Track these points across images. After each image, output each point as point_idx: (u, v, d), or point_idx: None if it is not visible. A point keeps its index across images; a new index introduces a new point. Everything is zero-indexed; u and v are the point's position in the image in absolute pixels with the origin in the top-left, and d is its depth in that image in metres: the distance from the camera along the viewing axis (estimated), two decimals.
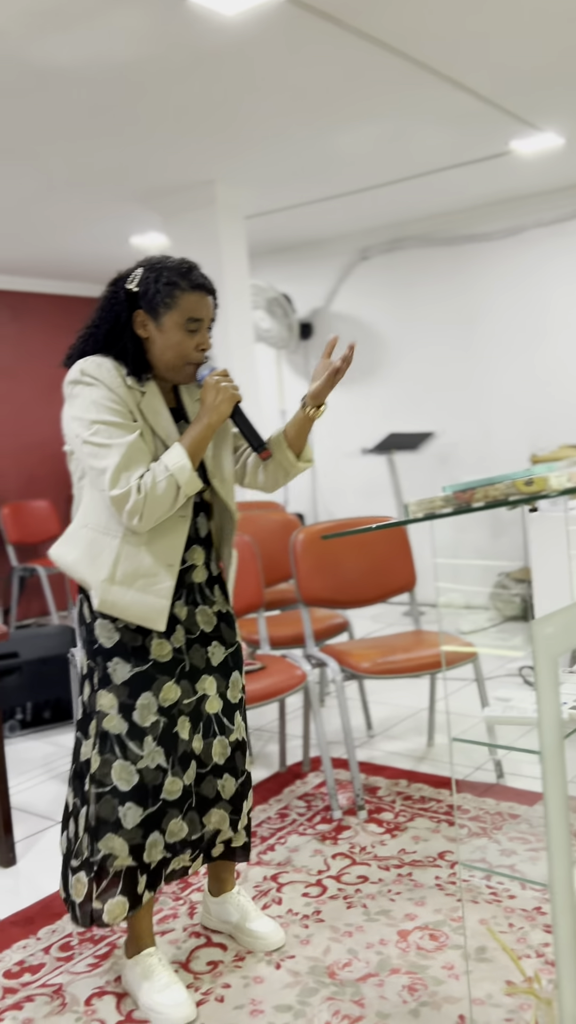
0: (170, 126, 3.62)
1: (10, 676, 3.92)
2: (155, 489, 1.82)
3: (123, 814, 1.91)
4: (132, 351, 1.91)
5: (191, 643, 2.02)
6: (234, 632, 2.11)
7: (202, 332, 1.93)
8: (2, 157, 3.81)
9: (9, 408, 6.52)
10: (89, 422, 1.84)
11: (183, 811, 1.97)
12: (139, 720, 1.92)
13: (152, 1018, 1.95)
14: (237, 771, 2.08)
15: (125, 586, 1.89)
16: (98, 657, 1.95)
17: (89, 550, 1.92)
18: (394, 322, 5.95)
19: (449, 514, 1.30)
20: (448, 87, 3.43)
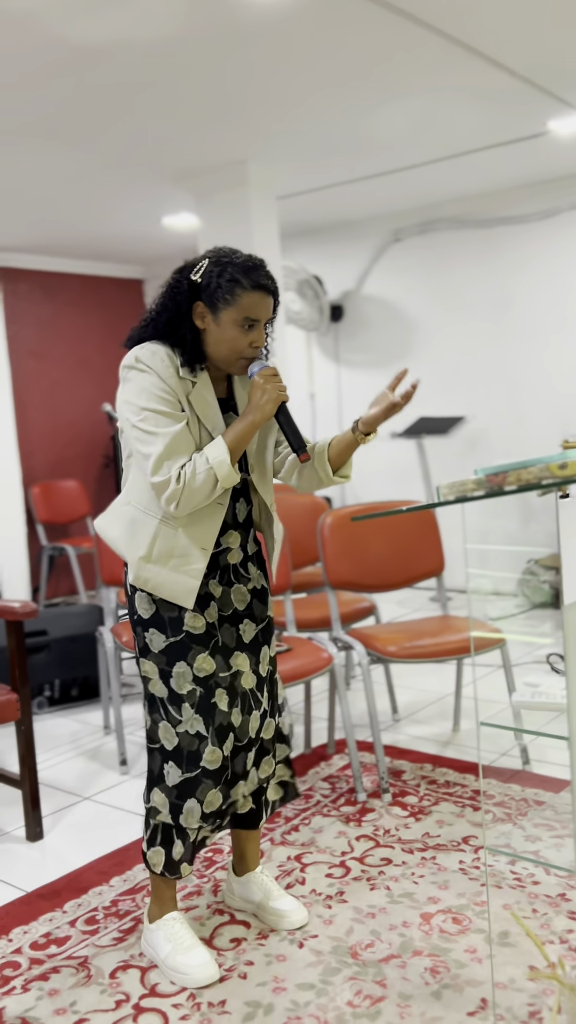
0: (203, 105, 3.60)
1: (39, 654, 3.96)
2: (194, 480, 1.88)
3: (167, 771, 2.01)
4: (190, 340, 1.94)
5: (222, 620, 2.07)
6: (266, 607, 2.15)
7: (258, 330, 1.95)
8: (36, 138, 3.81)
9: (40, 388, 6.56)
10: (139, 408, 1.90)
11: (219, 783, 2.02)
12: (176, 687, 2.00)
13: (176, 979, 1.99)
14: (256, 741, 2.11)
15: (159, 565, 1.96)
16: (138, 628, 2.04)
17: (130, 527, 2.00)
18: (426, 305, 5.90)
19: (481, 497, 1.29)
20: (484, 65, 3.37)
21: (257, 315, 1.93)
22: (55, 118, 3.61)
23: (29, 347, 6.48)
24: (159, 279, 7.15)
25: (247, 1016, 1.87)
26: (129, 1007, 1.93)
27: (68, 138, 3.86)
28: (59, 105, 3.48)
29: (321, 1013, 1.87)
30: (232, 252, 1.96)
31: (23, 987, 2.02)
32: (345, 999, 1.90)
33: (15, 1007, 1.96)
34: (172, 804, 2.01)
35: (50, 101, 3.43)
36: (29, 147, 3.95)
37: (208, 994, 1.95)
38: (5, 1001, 1.98)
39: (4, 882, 2.52)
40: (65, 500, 6.48)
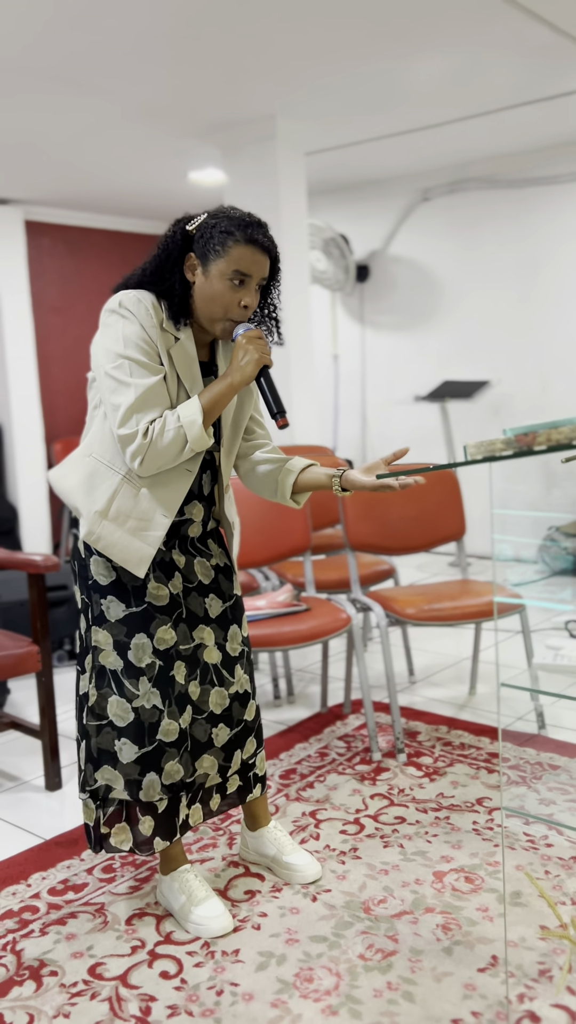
0: (232, 57, 3.53)
1: (59, 608, 3.99)
2: (162, 437, 1.80)
3: (119, 748, 1.95)
4: (178, 292, 1.88)
5: (188, 591, 2.03)
6: (232, 585, 2.10)
7: (248, 289, 1.86)
8: (62, 88, 3.76)
9: (62, 344, 6.54)
10: (115, 355, 1.82)
11: (180, 753, 1.98)
12: (134, 660, 1.93)
13: (191, 930, 2.02)
14: (233, 720, 2.09)
15: (116, 524, 1.88)
16: (94, 594, 1.95)
17: (89, 479, 1.91)
18: (453, 266, 5.81)
19: (510, 456, 1.27)
20: (524, 17, 3.28)
21: (248, 270, 1.83)
22: (80, 67, 3.56)
23: (52, 302, 6.45)
24: None
25: (260, 966, 1.90)
26: (144, 953, 1.97)
27: (93, 88, 3.81)
28: (85, 54, 3.42)
29: (333, 965, 1.89)
30: (232, 209, 1.90)
31: (41, 931, 2.07)
32: (357, 952, 1.93)
33: (33, 949, 2.00)
34: (130, 781, 1.95)
35: (75, 50, 3.38)
36: (53, 97, 3.90)
37: (222, 943, 1.99)
38: (24, 943, 2.02)
39: (23, 829, 2.56)
40: None
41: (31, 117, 4.16)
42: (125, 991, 1.85)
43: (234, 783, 2.17)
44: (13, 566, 2.79)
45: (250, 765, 2.18)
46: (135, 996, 1.83)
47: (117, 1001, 1.82)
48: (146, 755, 1.95)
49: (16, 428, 6.07)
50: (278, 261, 1.92)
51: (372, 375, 6.28)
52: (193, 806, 2.08)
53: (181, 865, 2.12)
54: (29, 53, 3.39)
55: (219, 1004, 1.79)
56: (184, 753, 2.00)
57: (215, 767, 2.08)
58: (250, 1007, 1.78)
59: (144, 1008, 1.79)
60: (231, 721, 2.09)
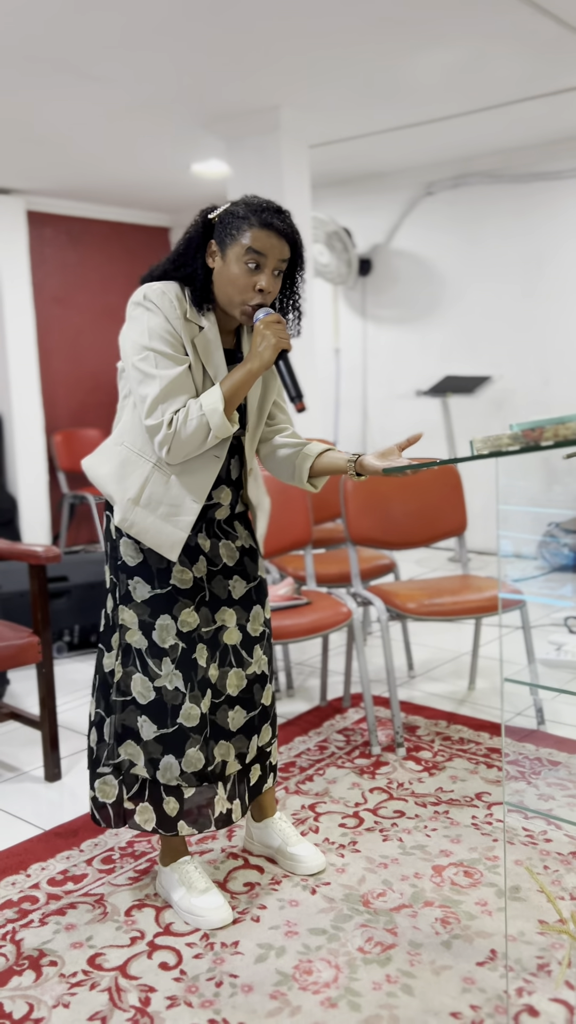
0: (237, 48, 3.51)
1: (59, 599, 3.99)
2: (186, 426, 1.84)
3: (140, 725, 1.99)
4: (200, 277, 1.91)
5: (213, 575, 2.04)
6: (257, 567, 2.12)
7: (264, 273, 1.87)
8: (66, 77, 3.74)
9: (63, 335, 6.53)
10: (140, 347, 1.86)
11: (201, 740, 1.99)
12: (158, 640, 1.97)
13: (190, 921, 2.03)
14: (252, 703, 2.09)
15: (148, 510, 1.92)
16: (121, 574, 2.00)
17: (121, 468, 1.95)
18: (456, 261, 5.80)
19: (517, 451, 1.27)
20: (531, 11, 3.27)
21: (262, 249, 1.84)
22: (85, 57, 3.54)
23: (53, 293, 6.44)
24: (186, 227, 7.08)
25: (259, 958, 1.91)
26: (144, 944, 1.97)
27: (97, 78, 3.79)
28: (90, 43, 3.41)
29: (332, 957, 1.90)
30: (254, 197, 1.92)
31: (41, 920, 2.07)
32: (356, 945, 1.94)
33: (33, 939, 2.00)
34: (149, 759, 1.98)
35: (80, 39, 3.36)
36: (57, 86, 3.88)
37: (221, 935, 1.99)
38: (23, 933, 2.02)
39: (23, 820, 2.56)
40: (87, 448, 6.48)
41: (34, 106, 4.14)
42: (124, 981, 1.85)
43: (255, 773, 2.16)
44: (14, 557, 2.79)
45: (266, 753, 2.19)
46: (134, 987, 1.83)
47: (116, 991, 1.82)
48: (165, 736, 1.98)
49: (16, 419, 6.06)
50: (299, 247, 1.93)
51: (373, 369, 6.28)
52: (235, 801, 2.09)
53: (182, 856, 2.13)
54: (34, 42, 3.37)
55: (218, 995, 1.80)
56: (204, 739, 2.01)
57: (231, 753, 2.08)
58: (249, 999, 1.78)
59: (143, 999, 1.80)
60: (248, 704, 2.09)
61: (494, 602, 2.93)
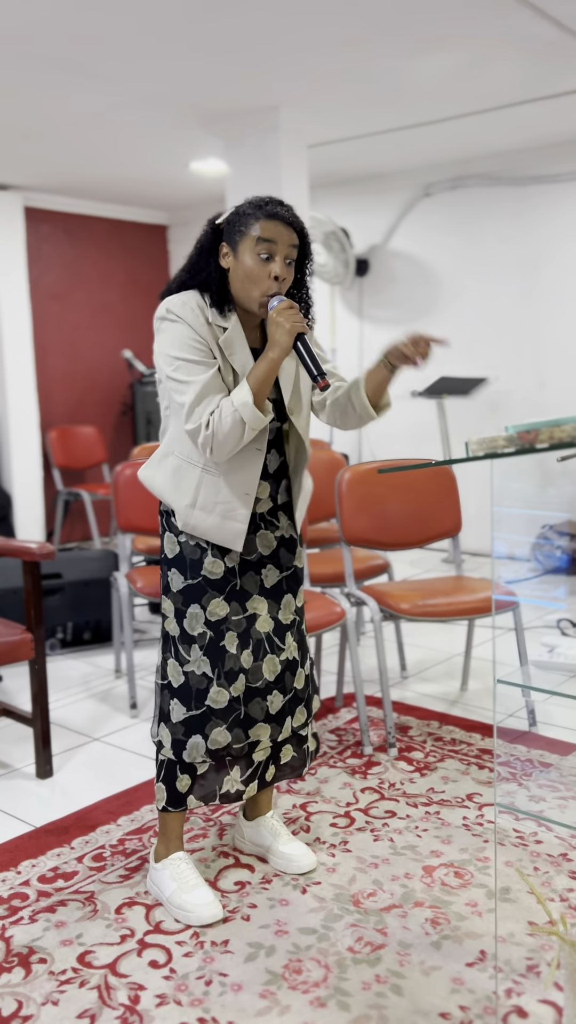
0: (237, 47, 3.51)
1: (53, 596, 3.98)
2: (222, 425, 1.89)
3: (172, 708, 2.06)
4: (216, 279, 1.97)
5: (246, 567, 2.08)
6: (293, 556, 2.16)
7: (276, 260, 1.93)
8: (65, 74, 3.74)
9: (60, 332, 6.52)
10: (171, 358, 1.93)
11: (227, 722, 2.04)
12: (188, 628, 2.05)
13: (181, 917, 2.04)
14: (285, 689, 2.12)
15: (206, 511, 2.01)
16: (163, 566, 2.11)
17: (174, 477, 2.03)
18: (453, 262, 5.81)
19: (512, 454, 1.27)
20: (531, 14, 3.28)
21: (272, 237, 1.90)
22: (85, 53, 3.54)
23: (51, 290, 6.43)
24: (184, 226, 7.09)
25: (249, 956, 1.91)
26: (134, 942, 1.97)
27: (97, 74, 3.79)
28: (90, 40, 3.40)
29: (322, 957, 1.90)
30: (255, 196, 1.99)
31: (31, 918, 2.07)
32: (346, 944, 1.94)
33: (23, 936, 2.00)
34: (175, 740, 2.06)
35: (80, 36, 3.36)
36: (56, 83, 3.88)
37: (211, 933, 1.99)
38: (13, 930, 2.02)
39: (13, 816, 2.56)
40: (82, 446, 6.48)
41: (33, 102, 4.14)
42: (114, 979, 1.85)
43: (287, 753, 2.19)
44: (8, 553, 2.79)
45: (301, 736, 2.21)
46: (124, 985, 1.83)
47: (106, 989, 1.82)
48: (193, 718, 2.04)
49: (12, 415, 6.05)
50: (306, 236, 1.98)
51: None
52: (251, 783, 2.12)
53: (176, 851, 2.14)
54: (33, 38, 3.37)
55: (208, 994, 1.80)
56: (234, 722, 2.05)
57: (267, 735, 2.11)
58: (239, 997, 1.79)
59: (133, 997, 1.80)
60: (284, 689, 2.13)
61: (487, 604, 2.94)
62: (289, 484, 2.14)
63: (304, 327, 1.91)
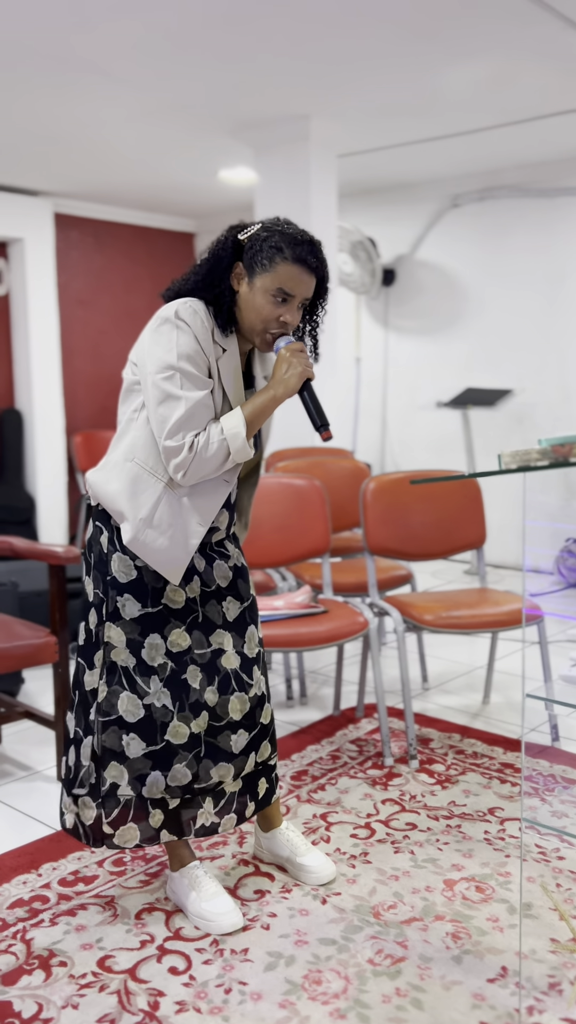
0: (269, 56, 3.53)
1: (76, 599, 4.00)
2: (206, 449, 1.82)
3: (126, 744, 1.95)
4: (227, 300, 1.89)
5: (207, 597, 2.02)
6: (249, 586, 2.11)
7: (290, 307, 1.87)
8: (96, 81, 3.77)
9: (86, 337, 6.57)
10: (166, 365, 1.83)
11: (186, 760, 1.98)
12: (147, 659, 1.95)
13: (201, 926, 2.03)
14: (253, 725, 2.08)
15: (158, 531, 1.89)
16: (111, 590, 1.95)
17: (132, 485, 1.90)
18: (480, 273, 5.80)
19: (545, 467, 1.27)
20: (563, 26, 3.27)
21: (292, 290, 1.85)
22: (116, 61, 3.57)
23: (78, 295, 6.47)
24: (211, 233, 7.11)
25: (269, 966, 1.90)
26: (153, 948, 1.97)
27: (128, 82, 3.82)
28: (121, 47, 3.43)
29: (342, 968, 1.89)
30: (288, 223, 1.90)
31: (51, 920, 2.07)
32: (366, 956, 1.93)
33: (43, 939, 2.00)
34: (134, 777, 1.95)
35: (111, 43, 3.39)
36: (87, 90, 3.91)
37: (231, 941, 1.99)
38: (34, 932, 2.03)
39: (35, 819, 2.57)
40: (106, 450, 6.50)
41: (64, 109, 4.18)
42: (134, 985, 1.85)
43: (262, 786, 2.15)
44: (34, 556, 2.80)
45: (270, 766, 2.18)
46: (143, 990, 1.83)
47: (126, 994, 1.82)
48: (154, 753, 1.95)
49: (37, 419, 6.10)
50: (326, 281, 1.92)
51: (394, 379, 6.28)
52: (226, 815, 2.07)
53: (189, 862, 2.12)
54: (64, 45, 3.40)
55: (227, 1002, 1.79)
56: (196, 758, 1.99)
57: (230, 774, 2.06)
58: (258, 1007, 1.78)
59: (152, 1003, 1.80)
60: (251, 726, 2.08)
61: (512, 616, 2.93)
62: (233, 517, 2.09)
63: (313, 373, 1.86)
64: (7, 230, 5.83)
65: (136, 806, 1.97)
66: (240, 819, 2.11)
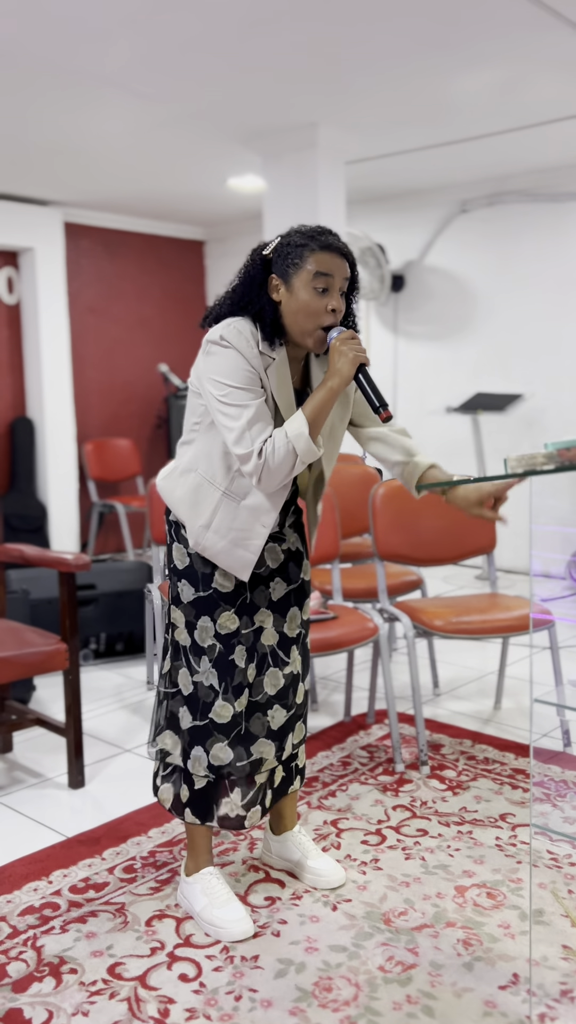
0: (277, 64, 3.54)
1: (87, 607, 4.01)
2: (274, 455, 1.88)
3: (181, 715, 2.07)
4: (269, 313, 1.93)
5: (256, 580, 2.08)
6: (300, 570, 2.15)
7: (332, 293, 1.91)
8: (105, 91, 3.80)
9: (98, 346, 6.59)
10: (221, 384, 1.91)
11: (229, 738, 2.04)
12: (199, 640, 2.05)
13: (212, 932, 2.03)
14: (287, 704, 2.12)
15: (218, 535, 1.99)
16: (172, 577, 2.10)
17: (194, 494, 2.01)
18: (490, 279, 5.79)
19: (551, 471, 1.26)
20: (570, 31, 3.27)
21: (329, 270, 1.89)
22: (123, 70, 3.59)
23: (89, 304, 6.51)
24: (220, 241, 7.15)
25: (279, 973, 1.90)
26: (164, 955, 1.97)
27: (136, 91, 3.84)
28: (128, 57, 3.46)
29: (352, 975, 1.89)
30: (303, 225, 1.97)
31: (62, 927, 2.08)
32: (377, 963, 1.92)
33: (54, 946, 2.01)
34: (183, 748, 2.07)
35: (121, 54, 3.41)
36: (95, 99, 3.94)
37: (241, 948, 1.98)
38: (44, 939, 2.03)
39: (46, 826, 2.57)
40: (117, 458, 6.53)
41: (73, 120, 4.21)
42: (144, 992, 1.85)
43: (279, 775, 2.18)
44: (45, 564, 2.81)
45: (293, 755, 2.20)
46: (154, 997, 1.83)
47: (136, 1002, 1.82)
48: (197, 728, 2.05)
49: (48, 427, 6.12)
50: (355, 266, 1.97)
51: (404, 385, 6.28)
52: (252, 808, 2.09)
53: (206, 866, 2.13)
54: (75, 56, 3.43)
55: (237, 1009, 1.79)
56: (236, 739, 2.05)
57: (271, 751, 2.10)
58: (268, 1014, 1.78)
59: (162, 1010, 1.79)
60: (287, 704, 2.12)
61: (522, 621, 2.91)
62: (297, 507, 2.14)
63: (367, 358, 1.89)
64: (18, 240, 5.87)
65: (176, 773, 2.10)
66: (263, 811, 2.14)
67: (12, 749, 3.12)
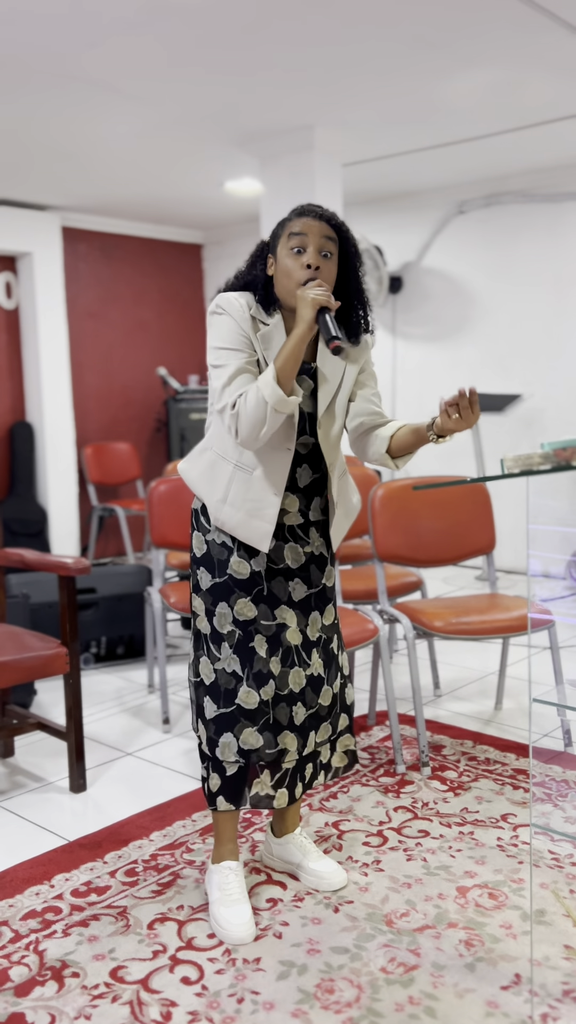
0: (272, 67, 3.55)
1: (87, 611, 4.01)
2: (246, 404, 1.92)
3: (206, 705, 2.10)
4: (261, 280, 2.05)
5: (273, 573, 2.10)
6: (323, 575, 2.17)
7: (309, 251, 1.97)
8: (102, 95, 3.80)
9: (96, 350, 6.60)
10: (213, 348, 2.00)
11: (257, 724, 2.05)
12: (218, 626, 2.08)
13: (216, 929, 2.05)
14: (307, 703, 2.12)
15: (234, 508, 2.04)
16: (192, 565, 2.15)
17: (209, 471, 2.09)
18: (487, 280, 5.80)
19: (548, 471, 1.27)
20: (566, 33, 3.28)
21: (302, 230, 1.97)
22: (120, 75, 3.60)
23: (87, 308, 6.51)
24: (218, 244, 7.15)
25: (281, 975, 1.90)
26: (166, 958, 1.97)
27: (132, 95, 3.85)
28: (125, 62, 3.46)
29: (354, 977, 1.89)
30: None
31: (64, 931, 2.08)
32: (379, 965, 1.92)
33: (56, 950, 2.01)
34: (209, 737, 2.09)
35: (118, 58, 3.42)
36: (93, 103, 3.94)
37: (243, 950, 1.99)
38: (46, 944, 2.03)
39: (47, 830, 2.58)
40: (117, 462, 6.54)
41: (71, 124, 4.21)
42: (146, 995, 1.85)
43: (308, 770, 2.17)
44: (45, 568, 2.82)
45: (316, 752, 2.19)
46: (156, 1000, 1.83)
47: (138, 1005, 1.82)
48: (223, 716, 2.06)
49: (48, 431, 6.13)
50: (344, 231, 2.02)
51: (402, 386, 6.28)
52: (280, 790, 2.10)
53: (227, 859, 2.15)
54: (71, 61, 3.44)
55: (240, 1012, 1.79)
56: (264, 726, 2.06)
57: (295, 744, 2.11)
58: (271, 1016, 1.78)
59: (165, 1013, 1.79)
60: (306, 703, 2.13)
61: (522, 622, 2.92)
62: (325, 503, 2.14)
63: (329, 301, 1.89)
64: (16, 245, 5.87)
65: (208, 761, 2.11)
66: (291, 798, 2.13)
67: (13, 753, 3.12)
